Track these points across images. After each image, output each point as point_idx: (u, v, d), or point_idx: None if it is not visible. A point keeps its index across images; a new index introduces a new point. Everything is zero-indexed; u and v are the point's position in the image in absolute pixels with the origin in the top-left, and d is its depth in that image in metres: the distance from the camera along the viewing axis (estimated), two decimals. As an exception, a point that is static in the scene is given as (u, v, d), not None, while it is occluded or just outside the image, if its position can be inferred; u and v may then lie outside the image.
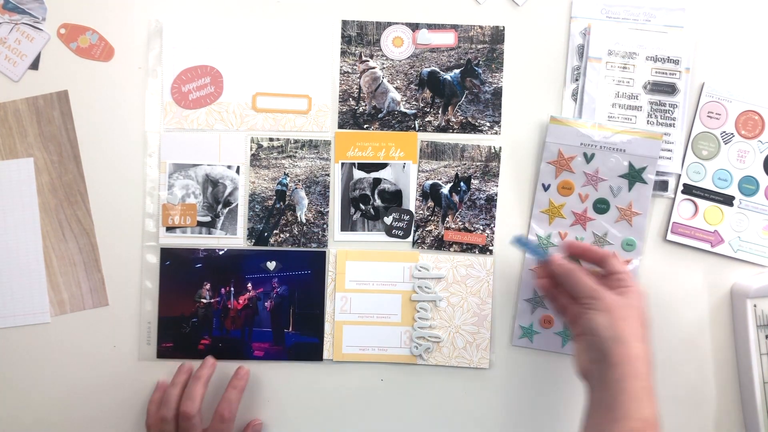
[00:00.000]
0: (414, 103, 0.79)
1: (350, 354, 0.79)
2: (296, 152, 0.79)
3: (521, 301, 0.79)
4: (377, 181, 0.79)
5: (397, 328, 0.79)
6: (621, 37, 0.77)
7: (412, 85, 0.79)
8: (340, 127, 0.79)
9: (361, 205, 0.79)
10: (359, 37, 0.79)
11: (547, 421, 0.79)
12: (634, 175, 0.76)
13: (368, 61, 0.79)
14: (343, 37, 0.79)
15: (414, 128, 0.79)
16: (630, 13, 0.78)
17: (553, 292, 0.73)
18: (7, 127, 0.77)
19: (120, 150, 0.78)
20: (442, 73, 0.79)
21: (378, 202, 0.79)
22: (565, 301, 0.71)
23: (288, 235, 0.78)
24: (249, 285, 0.78)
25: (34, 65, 0.77)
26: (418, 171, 0.79)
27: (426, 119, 0.79)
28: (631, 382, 0.60)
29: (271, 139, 0.78)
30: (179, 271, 0.78)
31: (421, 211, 0.79)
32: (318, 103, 0.78)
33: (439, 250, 0.79)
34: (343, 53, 0.79)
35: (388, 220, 0.79)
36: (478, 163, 0.79)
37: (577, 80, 0.78)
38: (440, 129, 0.79)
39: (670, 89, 0.77)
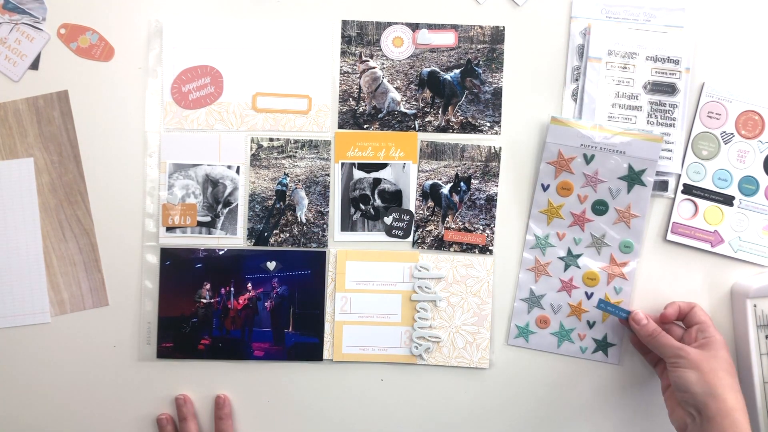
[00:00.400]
0: (414, 103, 0.79)
1: (350, 354, 0.79)
2: (296, 152, 0.79)
3: (518, 301, 0.79)
4: (377, 181, 0.79)
5: (397, 328, 0.79)
6: (621, 37, 0.77)
7: (412, 85, 0.79)
8: (340, 127, 0.79)
9: (361, 205, 0.79)
10: (359, 37, 0.79)
11: (547, 421, 0.79)
12: (633, 178, 0.76)
13: (368, 61, 0.79)
14: (343, 37, 0.79)
15: (414, 128, 0.79)
16: (630, 13, 0.78)
17: (641, 345, 0.76)
18: (7, 127, 0.77)
19: (120, 150, 0.78)
20: (442, 73, 0.79)
21: (378, 202, 0.79)
22: (653, 356, 0.75)
23: (288, 235, 0.78)
24: (249, 285, 0.78)
25: (34, 65, 0.77)
26: (418, 171, 0.79)
27: (426, 119, 0.79)
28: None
29: (271, 139, 0.78)
30: (179, 271, 0.78)
31: (421, 211, 0.79)
32: (318, 103, 0.78)
33: (439, 250, 0.79)
34: (343, 53, 0.79)
35: (388, 220, 0.79)
36: (478, 163, 0.79)
37: (577, 80, 0.78)
38: (440, 129, 0.79)
39: (670, 89, 0.77)
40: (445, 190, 0.79)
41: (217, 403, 0.77)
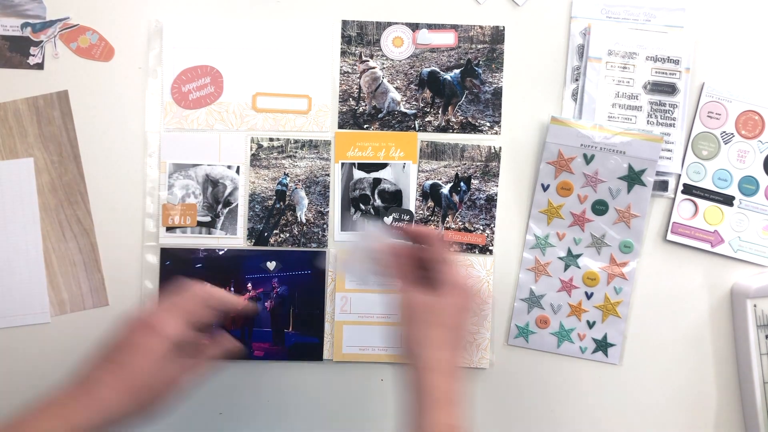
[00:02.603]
0: (414, 103, 0.79)
1: (350, 354, 0.79)
2: (296, 152, 0.79)
3: (518, 301, 0.79)
4: (377, 181, 0.79)
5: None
6: (621, 37, 0.77)
7: (412, 85, 0.79)
8: (340, 127, 0.79)
9: (361, 205, 0.79)
10: (359, 37, 0.79)
11: (547, 421, 0.79)
12: (633, 178, 0.76)
13: (368, 61, 0.79)
14: (343, 37, 0.79)
15: (414, 128, 0.79)
16: (630, 13, 0.78)
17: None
18: (7, 127, 0.77)
19: (120, 150, 0.78)
20: (442, 73, 0.79)
21: (378, 202, 0.79)
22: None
23: (288, 235, 0.78)
24: (249, 285, 0.78)
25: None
26: (418, 171, 0.79)
27: (426, 119, 0.79)
28: (425, 395, 0.56)
29: (271, 139, 0.78)
30: (179, 271, 0.78)
31: (421, 211, 0.79)
32: (318, 103, 0.78)
33: (439, 250, 0.79)
34: (343, 53, 0.79)
35: (388, 220, 0.79)
36: (478, 163, 0.79)
37: (577, 80, 0.78)
38: (440, 129, 0.79)
39: (670, 89, 0.77)
40: (445, 190, 0.79)
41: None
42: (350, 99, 0.79)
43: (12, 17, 0.77)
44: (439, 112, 0.79)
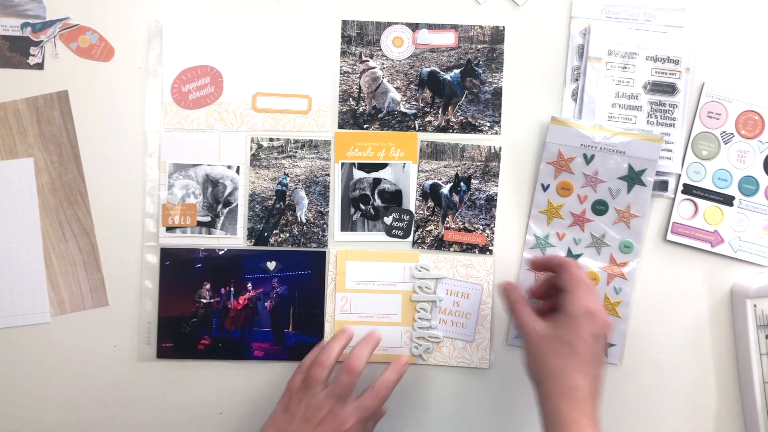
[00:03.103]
0: (414, 103, 0.79)
1: (350, 354, 0.79)
2: (296, 152, 0.79)
3: (521, 301, 0.79)
4: (377, 181, 0.79)
5: (397, 328, 0.79)
6: (621, 37, 0.77)
7: (412, 85, 0.79)
8: (340, 127, 0.79)
9: (361, 205, 0.79)
10: (359, 37, 0.79)
11: (546, 421, 0.79)
12: (633, 178, 0.76)
13: (368, 61, 0.79)
14: (343, 37, 0.79)
15: (414, 128, 0.79)
16: (630, 13, 0.78)
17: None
18: (7, 127, 0.77)
19: (120, 150, 0.78)
20: (442, 73, 0.79)
21: (378, 202, 0.79)
22: None
23: (288, 235, 0.78)
24: (249, 285, 0.78)
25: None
26: (418, 171, 0.79)
27: (426, 119, 0.79)
28: (550, 420, 0.61)
29: (271, 139, 0.78)
30: (179, 271, 0.78)
31: (421, 211, 0.79)
32: (318, 103, 0.78)
33: (439, 250, 0.79)
34: (343, 53, 0.79)
35: (388, 220, 0.79)
36: (478, 163, 0.79)
37: (577, 80, 0.78)
38: (440, 129, 0.79)
39: (670, 89, 0.77)
40: (445, 190, 0.79)
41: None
42: (350, 99, 0.79)
43: (12, 17, 0.77)
44: (439, 112, 0.79)
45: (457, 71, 0.79)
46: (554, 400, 0.61)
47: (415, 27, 0.79)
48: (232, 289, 0.78)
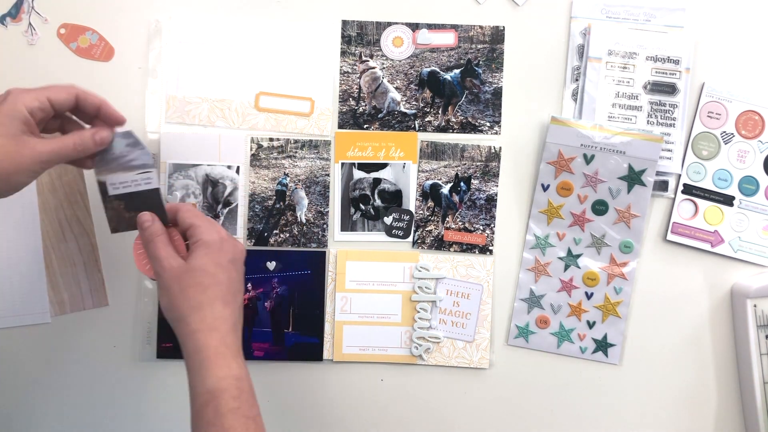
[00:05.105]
0: (414, 103, 0.79)
1: (350, 354, 0.79)
2: (296, 152, 0.79)
3: (518, 301, 0.79)
4: (377, 181, 0.79)
5: (397, 328, 0.79)
6: (621, 37, 0.77)
7: (412, 85, 0.79)
8: (340, 127, 0.79)
9: (361, 205, 0.79)
10: (359, 37, 0.79)
11: (546, 421, 0.79)
12: (633, 178, 0.76)
13: (368, 61, 0.79)
14: (343, 37, 0.79)
15: (414, 128, 0.79)
16: (630, 13, 0.78)
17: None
18: (7, 127, 0.77)
19: (120, 150, 0.78)
20: (442, 73, 0.79)
21: (378, 202, 0.79)
22: None
23: (288, 235, 0.78)
24: (249, 285, 0.78)
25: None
26: (418, 171, 0.79)
27: (426, 119, 0.79)
28: (194, 357, 0.57)
29: (271, 139, 0.78)
30: (179, 271, 0.78)
31: (421, 211, 0.79)
32: (320, 106, 0.78)
33: (439, 250, 0.79)
34: (343, 53, 0.79)
35: (388, 220, 0.79)
36: (478, 163, 0.79)
37: (577, 80, 0.78)
38: (440, 129, 0.79)
39: (670, 89, 0.77)
40: (445, 190, 0.79)
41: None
42: (350, 99, 0.79)
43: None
44: (439, 112, 0.79)
45: (457, 71, 0.78)
46: (199, 335, 0.58)
47: (415, 27, 0.79)
48: (232, 289, 0.78)
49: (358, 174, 0.79)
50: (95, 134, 0.62)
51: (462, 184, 0.78)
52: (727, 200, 0.78)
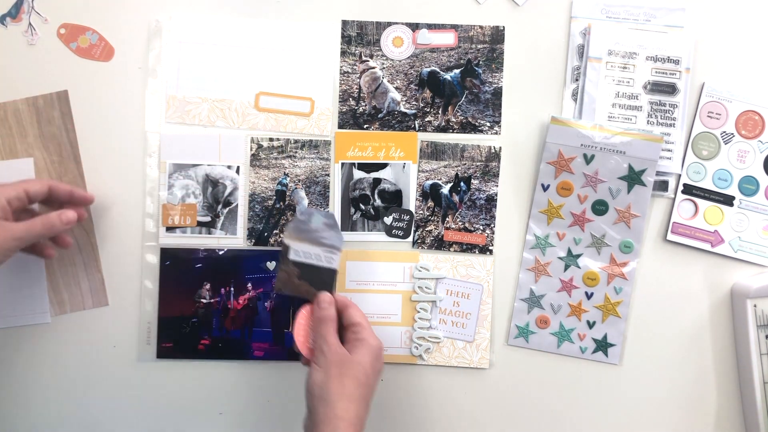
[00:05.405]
0: (414, 103, 0.79)
1: (350, 354, 0.79)
2: (296, 152, 0.79)
3: (518, 301, 0.79)
4: (377, 181, 0.79)
5: (397, 328, 0.79)
6: (621, 37, 0.77)
7: (412, 85, 0.79)
8: (340, 127, 0.79)
9: (361, 205, 0.79)
10: (359, 37, 0.79)
11: (546, 421, 0.79)
12: (633, 178, 0.76)
13: (368, 61, 0.79)
14: (343, 37, 0.79)
15: (414, 128, 0.79)
16: (630, 13, 0.78)
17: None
18: (7, 127, 0.77)
19: (120, 150, 0.78)
20: (442, 73, 0.79)
21: (378, 202, 0.79)
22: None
23: (288, 235, 0.78)
24: (249, 285, 0.78)
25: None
26: (418, 171, 0.79)
27: (426, 119, 0.79)
28: None
29: (271, 139, 0.78)
30: (179, 271, 0.78)
31: (421, 211, 0.79)
32: (320, 106, 0.78)
33: (439, 250, 0.79)
34: (343, 53, 0.79)
35: (388, 220, 0.79)
36: (478, 163, 0.79)
37: (577, 80, 0.78)
38: (440, 129, 0.79)
39: (670, 89, 0.77)
40: (445, 190, 0.79)
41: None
42: (350, 99, 0.79)
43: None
44: (439, 112, 0.79)
45: (457, 71, 0.78)
46: (341, 423, 0.60)
47: (415, 27, 0.79)
48: (232, 289, 0.78)
49: (358, 174, 0.79)
50: (61, 215, 0.69)
51: (462, 184, 0.78)
52: (727, 200, 0.78)
